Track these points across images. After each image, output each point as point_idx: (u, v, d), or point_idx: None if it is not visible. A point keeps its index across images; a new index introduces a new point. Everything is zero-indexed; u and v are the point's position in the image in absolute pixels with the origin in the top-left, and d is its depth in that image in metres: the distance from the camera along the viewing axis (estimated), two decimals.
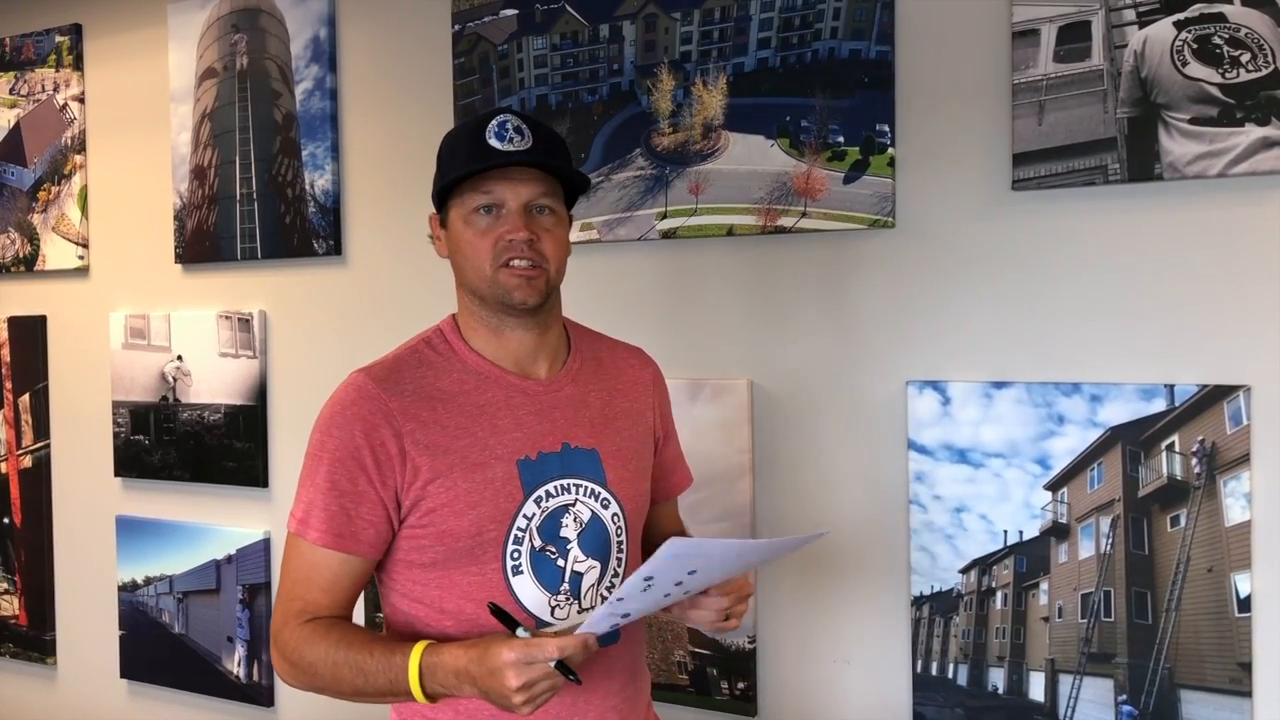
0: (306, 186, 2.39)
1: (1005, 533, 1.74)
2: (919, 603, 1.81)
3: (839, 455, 1.88)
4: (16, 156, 2.84)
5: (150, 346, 2.61)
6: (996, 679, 1.75)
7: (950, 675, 1.79)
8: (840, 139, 1.83)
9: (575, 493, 1.34)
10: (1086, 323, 1.69)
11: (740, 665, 1.96)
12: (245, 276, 2.51)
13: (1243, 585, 1.58)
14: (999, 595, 1.75)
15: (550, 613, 1.31)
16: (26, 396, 2.85)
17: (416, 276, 2.27)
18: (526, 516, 1.30)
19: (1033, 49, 1.69)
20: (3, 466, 2.89)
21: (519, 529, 1.30)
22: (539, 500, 1.31)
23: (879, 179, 1.80)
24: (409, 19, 2.29)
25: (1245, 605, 1.58)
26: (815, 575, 1.90)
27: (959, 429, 1.76)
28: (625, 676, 1.39)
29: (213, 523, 2.54)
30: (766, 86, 1.90)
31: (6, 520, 2.88)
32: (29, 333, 2.84)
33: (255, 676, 2.48)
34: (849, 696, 1.89)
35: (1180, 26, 1.60)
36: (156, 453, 2.60)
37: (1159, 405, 1.63)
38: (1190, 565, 1.61)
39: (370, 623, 2.25)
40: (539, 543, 1.31)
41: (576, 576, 1.33)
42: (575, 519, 1.33)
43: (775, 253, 1.92)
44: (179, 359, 2.57)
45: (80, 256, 2.74)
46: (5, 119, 2.86)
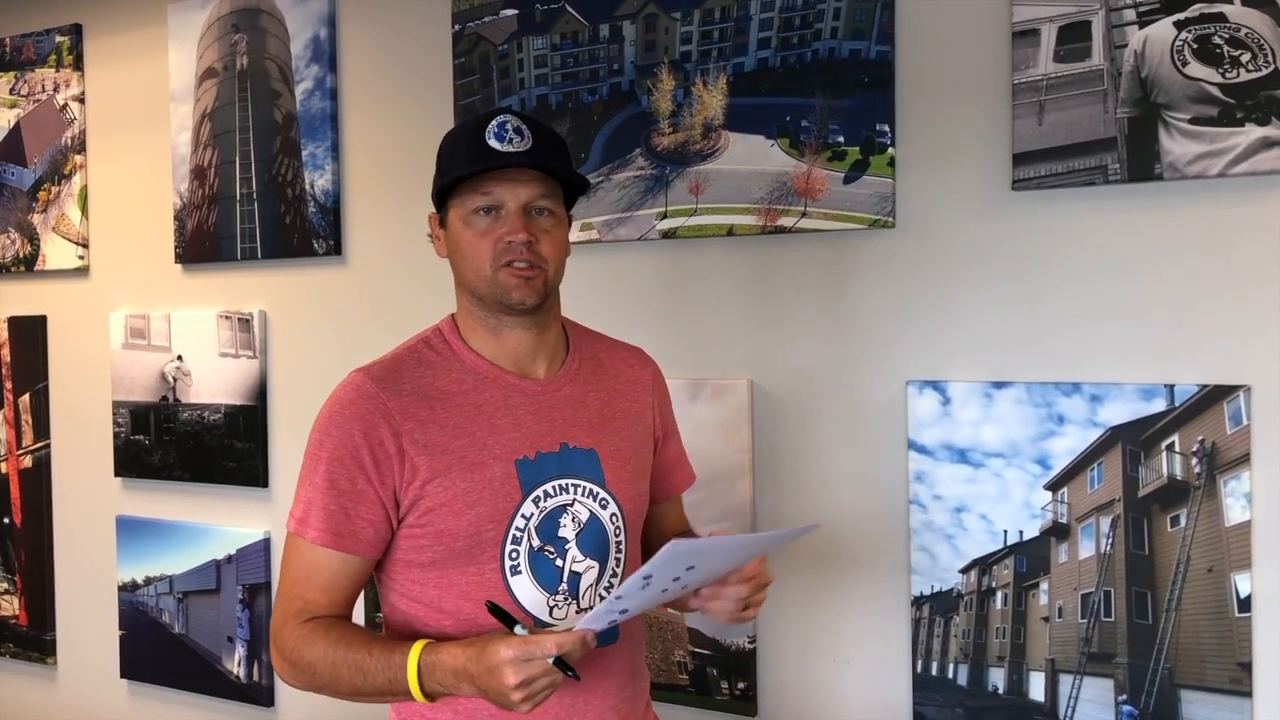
0: (306, 186, 2.39)
1: (1005, 533, 1.74)
2: (919, 603, 1.81)
3: (839, 455, 1.88)
4: (16, 156, 2.84)
5: (150, 346, 2.61)
6: (997, 679, 1.75)
7: (950, 675, 1.78)
8: (840, 139, 1.83)
9: (573, 493, 1.34)
10: (1086, 323, 1.69)
11: (740, 665, 1.95)
12: (245, 276, 2.51)
13: (1243, 585, 1.58)
14: (999, 595, 1.75)
15: (549, 613, 1.31)
16: (26, 396, 2.85)
17: (416, 276, 2.27)
18: (525, 516, 1.30)
19: (1033, 49, 1.69)
20: (3, 466, 2.89)
21: (517, 529, 1.30)
22: (537, 500, 1.31)
23: (879, 179, 1.80)
24: (409, 19, 2.29)
25: (1245, 605, 1.58)
26: (815, 575, 1.90)
27: (959, 429, 1.76)
28: (624, 676, 1.39)
29: (213, 523, 2.54)
30: (766, 86, 1.90)
31: (6, 520, 2.88)
32: (29, 333, 2.84)
33: (255, 676, 2.48)
34: (849, 696, 1.89)
35: (1180, 26, 1.60)
36: (156, 453, 2.60)
37: (1159, 405, 1.63)
38: (1190, 565, 1.61)
39: (370, 623, 2.25)
40: (537, 543, 1.31)
41: (575, 576, 1.33)
42: (573, 519, 1.33)
43: (775, 253, 1.92)
44: (179, 359, 2.57)
45: (80, 256, 2.74)
46: (5, 119, 2.86)
